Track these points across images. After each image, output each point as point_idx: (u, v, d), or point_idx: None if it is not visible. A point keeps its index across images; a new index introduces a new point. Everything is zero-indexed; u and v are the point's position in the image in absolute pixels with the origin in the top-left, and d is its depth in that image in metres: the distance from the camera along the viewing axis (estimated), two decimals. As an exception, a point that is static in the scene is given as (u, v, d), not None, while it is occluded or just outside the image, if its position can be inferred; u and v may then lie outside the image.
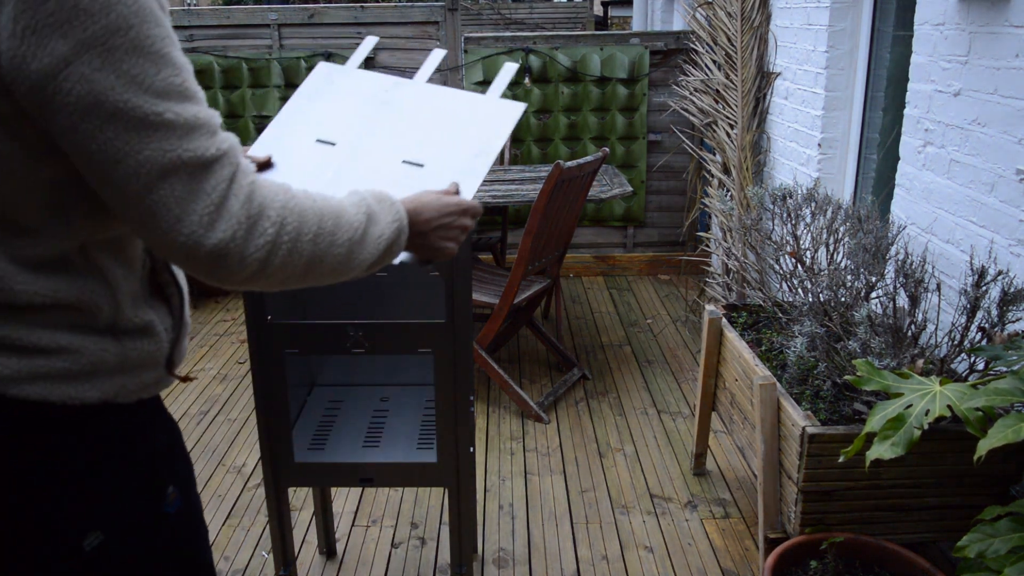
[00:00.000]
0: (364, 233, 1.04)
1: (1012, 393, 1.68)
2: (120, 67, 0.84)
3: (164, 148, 0.87)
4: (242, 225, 0.91)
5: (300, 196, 0.99)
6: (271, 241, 0.93)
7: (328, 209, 1.01)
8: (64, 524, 0.98)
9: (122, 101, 0.85)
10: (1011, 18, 2.21)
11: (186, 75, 0.90)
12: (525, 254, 3.13)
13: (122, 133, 0.85)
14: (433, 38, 5.00)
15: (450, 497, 1.92)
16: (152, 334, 1.04)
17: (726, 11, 4.17)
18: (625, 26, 13.06)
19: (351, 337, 1.77)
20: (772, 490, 2.23)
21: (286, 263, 0.96)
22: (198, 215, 0.88)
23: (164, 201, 0.87)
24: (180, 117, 0.88)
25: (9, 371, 0.92)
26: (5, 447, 0.94)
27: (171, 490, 1.09)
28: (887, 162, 3.23)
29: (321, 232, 0.98)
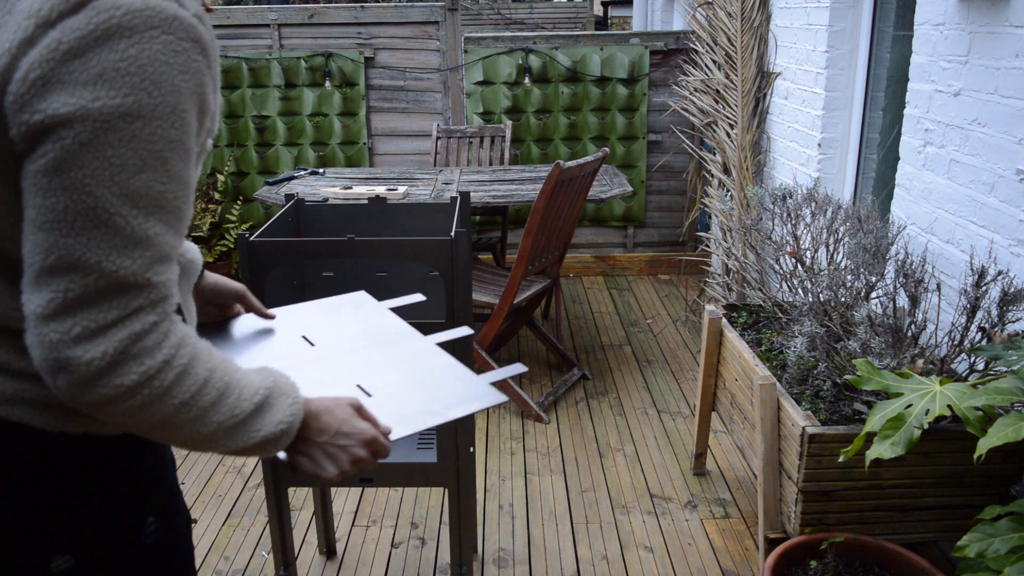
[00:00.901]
0: (241, 424, 0.94)
1: (1012, 393, 1.68)
2: (105, 152, 0.81)
3: (91, 248, 0.81)
4: (113, 357, 0.83)
5: (201, 357, 0.91)
6: (130, 386, 0.84)
7: (215, 384, 0.92)
8: (33, 544, 0.98)
9: (83, 183, 0.80)
10: (1011, 18, 2.21)
11: (174, 188, 0.86)
12: (525, 254, 3.13)
13: (64, 209, 0.80)
14: (433, 38, 5.00)
15: (450, 497, 1.92)
16: None
17: (726, 11, 4.17)
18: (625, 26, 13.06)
19: (351, 337, 1.77)
20: (772, 490, 2.23)
21: (134, 413, 0.87)
22: (81, 323, 0.82)
23: (56, 290, 0.81)
24: (129, 227, 0.82)
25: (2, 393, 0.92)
26: None
27: (151, 520, 1.08)
28: (887, 162, 3.23)
29: (191, 403, 0.89)
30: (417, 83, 5.06)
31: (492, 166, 4.59)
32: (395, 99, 5.10)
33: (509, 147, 4.73)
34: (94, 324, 0.82)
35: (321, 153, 5.10)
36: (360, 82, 5.01)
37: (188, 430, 0.91)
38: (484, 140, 4.74)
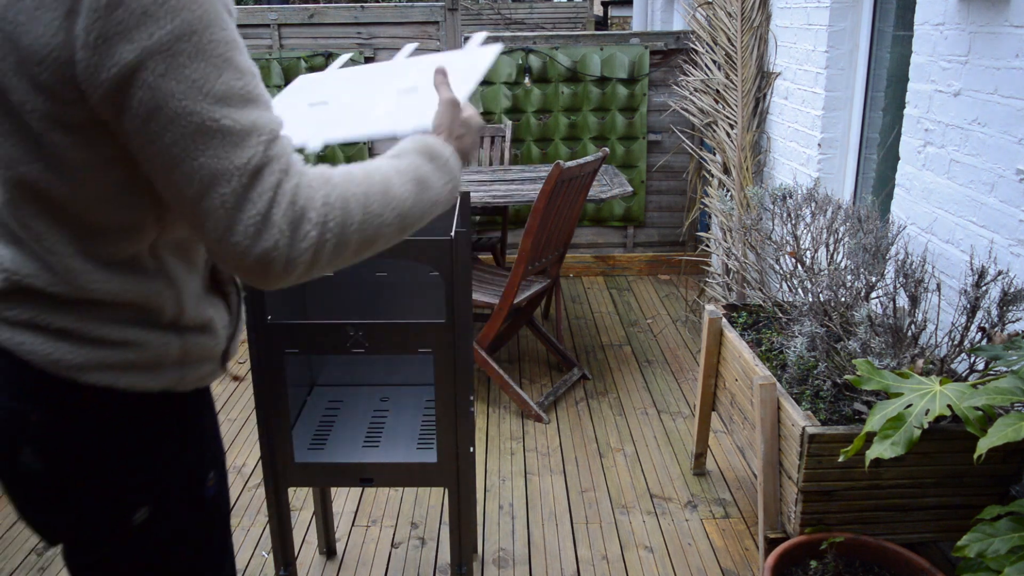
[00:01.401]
0: (415, 201, 1.05)
1: (1012, 392, 1.68)
2: (183, 72, 0.87)
3: (219, 155, 0.88)
4: (284, 233, 0.91)
5: (342, 184, 0.97)
6: (315, 241, 0.93)
7: (373, 189, 1.00)
8: (119, 499, 1.07)
9: (182, 107, 0.87)
10: (1011, 18, 2.21)
11: (248, 79, 0.92)
12: (525, 254, 3.13)
13: (180, 138, 0.88)
14: (433, 38, 5.00)
15: (450, 497, 1.92)
16: (211, 331, 1.12)
17: (726, 11, 4.17)
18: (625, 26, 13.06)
19: (351, 337, 1.77)
20: (772, 490, 2.23)
21: (334, 255, 0.96)
22: (244, 224, 0.89)
23: (215, 208, 0.89)
24: (237, 124, 0.89)
25: (81, 359, 1.00)
26: (76, 427, 1.03)
27: (211, 475, 1.17)
28: (887, 162, 3.23)
29: (367, 217, 0.98)
30: (417, 83, 5.05)
31: (492, 166, 4.59)
32: (395, 99, 5.09)
33: (509, 147, 4.73)
34: (258, 216, 0.89)
35: (321, 153, 5.10)
36: (360, 82, 5.00)
37: (383, 236, 1.01)
38: (484, 140, 4.74)
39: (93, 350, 1.01)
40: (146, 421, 1.07)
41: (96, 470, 1.05)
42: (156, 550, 1.13)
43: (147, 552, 1.12)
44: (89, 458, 1.05)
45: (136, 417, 1.06)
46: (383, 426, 2.08)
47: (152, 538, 1.11)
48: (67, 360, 1.01)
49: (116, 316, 1.02)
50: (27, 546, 2.57)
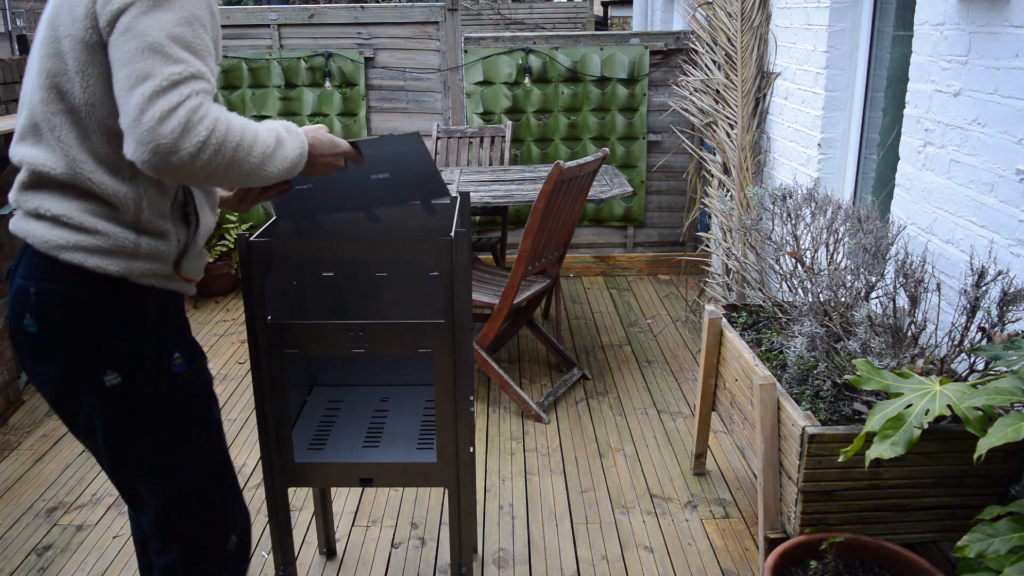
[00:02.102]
0: (273, 152, 1.42)
1: (1012, 393, 1.68)
2: (154, 14, 1.30)
3: (155, 64, 1.28)
4: (181, 126, 1.27)
5: (231, 119, 1.35)
6: (200, 143, 1.28)
7: (248, 131, 1.38)
8: (92, 360, 1.44)
9: (144, 30, 1.29)
10: (1011, 18, 2.21)
11: (199, 41, 1.33)
12: (525, 254, 3.13)
13: (135, 48, 1.28)
14: (433, 38, 5.00)
15: (450, 497, 1.92)
16: (165, 238, 1.47)
17: (726, 11, 4.17)
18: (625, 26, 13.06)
19: (351, 337, 1.77)
20: (772, 490, 2.23)
21: (211, 161, 1.31)
22: (153, 111, 1.26)
23: (137, 95, 1.26)
24: (176, 53, 1.30)
25: (62, 240, 1.40)
26: (58, 299, 1.42)
27: (177, 355, 1.52)
28: (887, 162, 3.23)
29: (241, 144, 1.35)
30: (417, 83, 5.06)
31: (492, 166, 4.59)
32: (395, 99, 5.10)
33: (509, 147, 4.73)
34: (167, 107, 1.26)
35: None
36: (360, 82, 5.01)
37: (248, 165, 1.37)
38: (484, 140, 4.74)
39: (72, 233, 1.40)
40: (110, 300, 1.44)
41: (73, 334, 1.43)
42: (132, 408, 1.48)
43: (125, 410, 1.48)
44: (68, 324, 1.42)
45: (102, 296, 1.43)
46: (383, 426, 2.08)
47: (125, 398, 1.47)
48: (53, 240, 1.40)
49: (93, 209, 1.41)
50: (27, 546, 2.57)
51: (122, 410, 1.47)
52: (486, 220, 4.81)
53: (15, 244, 3.82)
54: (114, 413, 1.47)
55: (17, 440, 3.23)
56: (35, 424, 3.36)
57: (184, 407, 1.54)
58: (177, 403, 1.53)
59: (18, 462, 3.07)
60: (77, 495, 2.84)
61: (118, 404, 1.47)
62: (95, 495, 2.84)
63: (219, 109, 1.33)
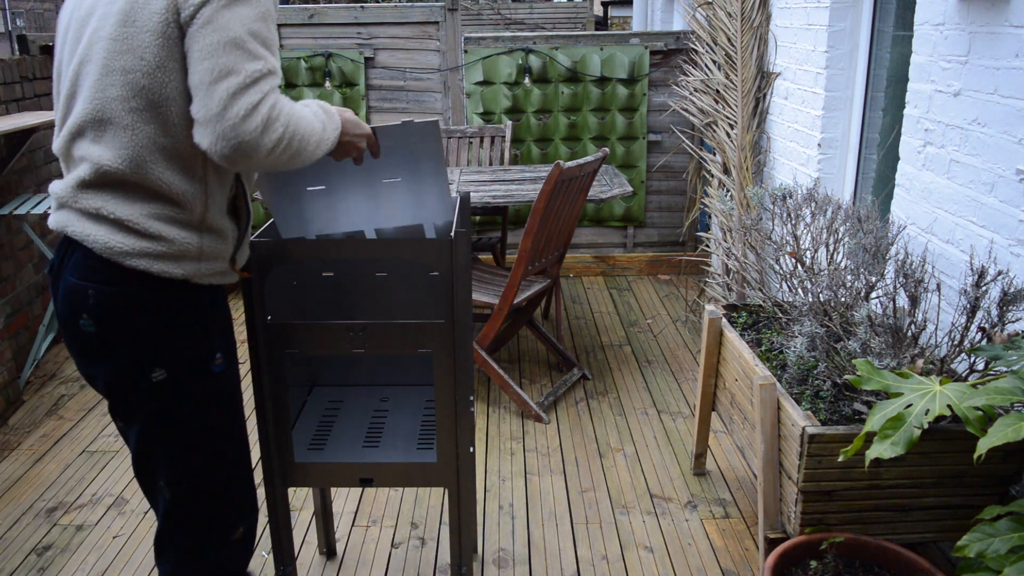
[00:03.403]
0: (320, 138, 1.50)
1: (1012, 392, 1.68)
2: (237, 10, 1.36)
3: (237, 60, 1.35)
4: (261, 124, 1.35)
5: (299, 107, 1.45)
6: (279, 136, 1.38)
7: (305, 120, 1.45)
8: (143, 360, 1.51)
9: (226, 26, 1.35)
10: (1011, 18, 2.21)
11: (272, 36, 1.41)
12: (525, 254, 3.13)
13: (218, 41, 1.34)
14: (433, 38, 5.00)
15: (450, 497, 1.92)
16: (224, 236, 1.55)
17: (726, 11, 4.17)
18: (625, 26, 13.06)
19: (351, 337, 1.77)
20: (772, 490, 2.23)
21: (281, 154, 1.40)
22: (238, 107, 1.33)
23: (222, 90, 1.33)
24: (257, 49, 1.37)
25: (128, 247, 1.44)
26: (119, 301, 1.47)
27: (219, 356, 1.59)
28: (887, 162, 3.23)
29: (305, 136, 1.44)
30: (417, 83, 5.06)
31: (492, 166, 4.59)
32: (395, 99, 5.10)
33: (509, 147, 4.72)
34: (249, 105, 1.34)
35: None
36: (360, 82, 5.01)
37: (307, 152, 1.46)
38: (484, 140, 4.74)
39: (137, 240, 1.44)
40: (169, 302, 1.49)
41: (130, 335, 1.49)
42: (173, 404, 1.54)
43: (166, 404, 1.54)
44: (125, 324, 1.48)
45: (162, 298, 1.48)
46: (383, 426, 2.08)
47: (169, 394, 1.54)
48: (118, 247, 1.44)
49: (159, 212, 1.45)
50: (27, 546, 2.57)
51: (164, 404, 1.54)
52: (486, 220, 4.81)
53: (15, 244, 3.82)
54: (157, 407, 1.55)
55: (17, 440, 3.23)
56: (35, 424, 3.36)
57: (219, 405, 1.62)
58: (213, 401, 1.60)
59: (18, 462, 3.07)
60: (77, 495, 2.84)
61: (161, 398, 1.54)
62: (95, 495, 2.84)
63: (288, 103, 1.42)
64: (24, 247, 3.90)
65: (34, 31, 24.25)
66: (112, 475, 2.96)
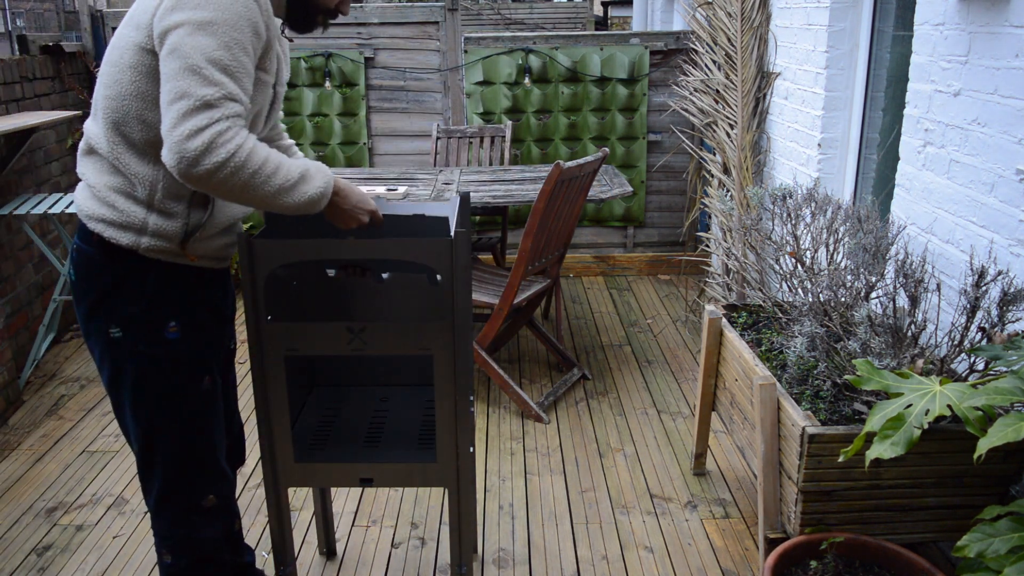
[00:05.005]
0: (294, 186, 1.59)
1: (1012, 393, 1.68)
2: (197, 38, 1.48)
3: (192, 84, 1.47)
4: (205, 145, 1.46)
5: (258, 144, 1.54)
6: (221, 161, 1.47)
7: (272, 162, 1.55)
8: (99, 312, 1.70)
9: (187, 53, 1.47)
10: (1011, 18, 2.21)
11: (235, 65, 1.51)
12: (525, 254, 3.13)
13: (178, 69, 1.47)
14: (433, 38, 5.00)
15: (450, 497, 1.92)
16: (173, 218, 1.67)
17: (726, 11, 4.17)
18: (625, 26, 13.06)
19: (351, 337, 1.77)
20: (772, 490, 2.23)
21: (226, 181, 1.49)
22: (184, 128, 1.46)
23: (173, 112, 1.46)
24: (212, 75, 1.48)
25: (91, 212, 1.66)
26: (85, 259, 1.70)
27: (172, 324, 1.72)
28: (887, 162, 3.23)
29: (259, 172, 1.53)
30: (417, 83, 5.06)
31: (492, 166, 4.59)
32: (395, 99, 5.10)
33: (509, 147, 4.72)
34: (195, 127, 1.46)
35: (321, 153, 5.10)
36: (360, 82, 5.01)
37: (260, 191, 1.54)
38: (484, 140, 4.74)
39: (99, 206, 1.65)
40: (117, 266, 1.67)
41: (92, 290, 1.69)
42: (128, 360, 1.71)
43: (122, 361, 1.71)
44: (90, 281, 1.69)
45: (112, 261, 1.67)
46: (383, 426, 2.08)
47: (124, 351, 1.71)
48: (85, 209, 1.67)
49: (116, 185, 1.65)
50: (27, 546, 2.57)
51: (120, 359, 1.72)
52: (486, 220, 4.81)
53: (15, 244, 3.82)
54: (115, 361, 1.73)
55: (17, 440, 3.23)
56: (35, 424, 3.36)
57: (172, 371, 1.74)
58: (166, 366, 1.73)
59: (18, 462, 3.07)
60: (77, 495, 2.84)
61: (118, 354, 1.71)
62: (95, 495, 2.84)
63: (247, 137, 1.51)
64: (24, 247, 3.90)
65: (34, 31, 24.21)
66: (112, 475, 2.96)
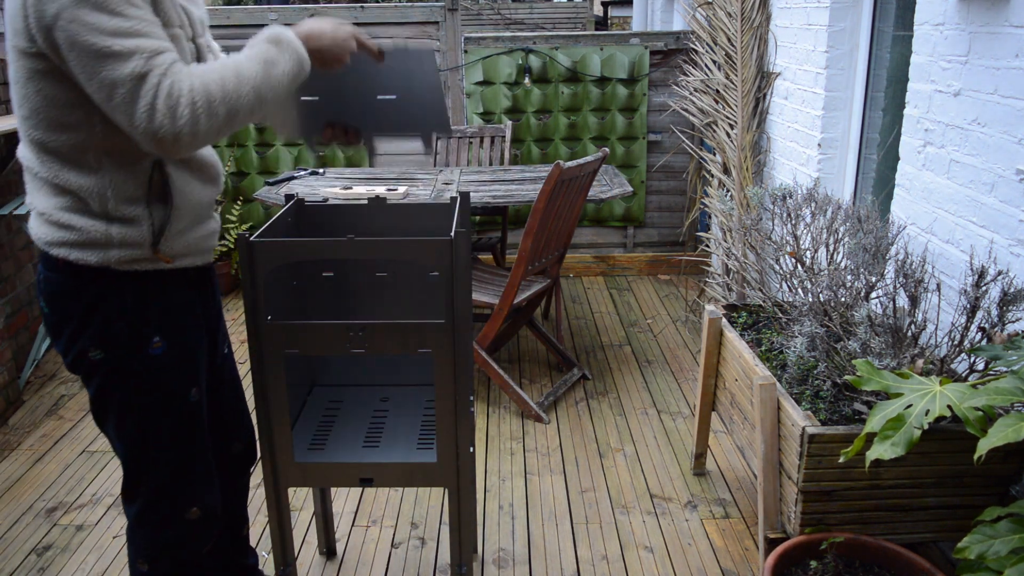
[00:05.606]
0: (265, 77, 1.46)
1: (1012, 393, 1.68)
2: (85, 20, 1.34)
3: (114, 69, 1.35)
4: (166, 116, 1.36)
5: (202, 74, 1.40)
6: (189, 118, 1.37)
7: (227, 73, 1.42)
8: (79, 338, 1.60)
9: (85, 39, 1.34)
10: (1011, 18, 2.21)
11: (133, 22, 1.36)
12: (525, 254, 3.13)
13: (88, 60, 1.35)
14: (433, 38, 5.00)
15: (450, 497, 1.92)
16: (136, 224, 1.55)
17: (726, 11, 4.17)
18: (625, 26, 13.06)
19: (351, 337, 1.77)
20: (772, 490, 2.23)
21: (210, 125, 1.40)
22: (138, 113, 1.36)
23: (118, 104, 1.37)
24: (124, 48, 1.34)
25: (49, 237, 1.55)
26: (54, 287, 1.58)
27: (156, 339, 1.63)
28: (887, 162, 3.23)
29: (226, 93, 1.41)
30: (417, 83, 5.05)
31: (492, 166, 4.59)
32: (395, 99, 5.09)
33: (509, 147, 4.72)
34: (147, 106, 1.35)
35: (321, 153, 5.10)
36: (360, 82, 5.00)
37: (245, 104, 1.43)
38: (484, 140, 4.74)
39: (54, 230, 1.53)
40: (91, 288, 1.56)
41: (67, 318, 1.59)
42: (111, 380, 1.62)
43: (105, 381, 1.63)
44: (64, 309, 1.58)
45: (85, 284, 1.56)
46: (383, 426, 2.08)
47: (106, 371, 1.62)
48: (43, 237, 1.55)
49: (67, 204, 1.52)
50: (27, 546, 2.57)
51: (104, 380, 1.64)
52: (486, 220, 4.81)
53: (15, 244, 3.82)
54: (99, 383, 1.65)
55: (17, 440, 3.23)
56: (35, 424, 3.36)
57: (158, 386, 1.66)
58: (151, 382, 1.65)
59: (18, 462, 3.07)
60: (77, 495, 2.84)
61: (101, 375, 1.63)
62: (95, 495, 2.84)
63: (187, 75, 1.38)
64: (24, 247, 3.90)
65: (34, 31, 24.10)
66: (112, 475, 2.96)
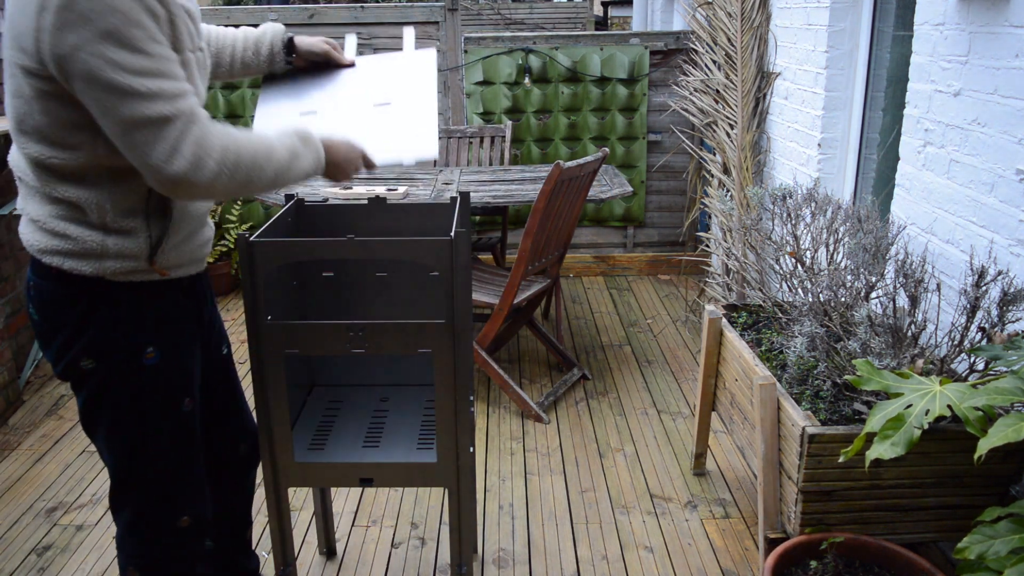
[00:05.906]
0: (288, 167, 1.55)
1: (1012, 393, 1.68)
2: (106, 55, 1.32)
3: (134, 108, 1.34)
4: (191, 162, 1.38)
5: (240, 139, 1.46)
6: (214, 172, 1.41)
7: (261, 148, 1.50)
8: (70, 347, 1.58)
9: (106, 76, 1.32)
10: (1011, 18, 2.21)
11: (156, 61, 1.36)
12: (525, 254, 3.13)
13: (107, 96, 1.33)
14: (433, 38, 5.00)
15: (450, 497, 1.92)
16: (133, 236, 1.55)
17: (726, 11, 4.17)
18: (625, 26, 13.06)
19: (351, 337, 1.77)
20: (772, 490, 2.23)
21: (227, 185, 1.45)
22: (159, 154, 1.36)
23: (136, 142, 1.36)
24: (148, 89, 1.34)
25: (42, 245, 1.53)
26: (46, 295, 1.56)
27: (150, 350, 1.62)
28: (887, 162, 3.23)
29: (254, 166, 1.48)
30: (417, 83, 5.05)
31: (492, 166, 4.59)
32: (395, 99, 5.09)
33: (509, 147, 4.72)
34: (169, 149, 1.36)
35: (321, 153, 5.10)
36: (360, 82, 5.00)
37: (262, 181, 1.50)
38: (484, 140, 4.74)
39: (48, 238, 1.52)
40: (84, 297, 1.55)
41: (58, 326, 1.57)
42: (102, 390, 1.61)
43: (96, 390, 1.61)
44: (55, 318, 1.57)
45: (78, 293, 1.55)
46: (383, 426, 2.08)
47: (98, 381, 1.60)
48: (36, 244, 1.54)
49: (63, 213, 1.50)
50: (27, 546, 2.57)
51: (95, 390, 1.62)
52: (486, 220, 4.81)
53: (15, 244, 3.82)
54: (89, 392, 1.63)
55: (17, 440, 3.23)
56: (35, 424, 3.36)
57: (151, 396, 1.65)
58: (144, 392, 1.64)
59: (18, 462, 3.07)
60: (77, 495, 2.84)
61: (92, 385, 1.61)
62: (95, 495, 2.84)
63: (222, 134, 1.42)
64: (24, 247, 3.89)
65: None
66: (112, 475, 2.96)
